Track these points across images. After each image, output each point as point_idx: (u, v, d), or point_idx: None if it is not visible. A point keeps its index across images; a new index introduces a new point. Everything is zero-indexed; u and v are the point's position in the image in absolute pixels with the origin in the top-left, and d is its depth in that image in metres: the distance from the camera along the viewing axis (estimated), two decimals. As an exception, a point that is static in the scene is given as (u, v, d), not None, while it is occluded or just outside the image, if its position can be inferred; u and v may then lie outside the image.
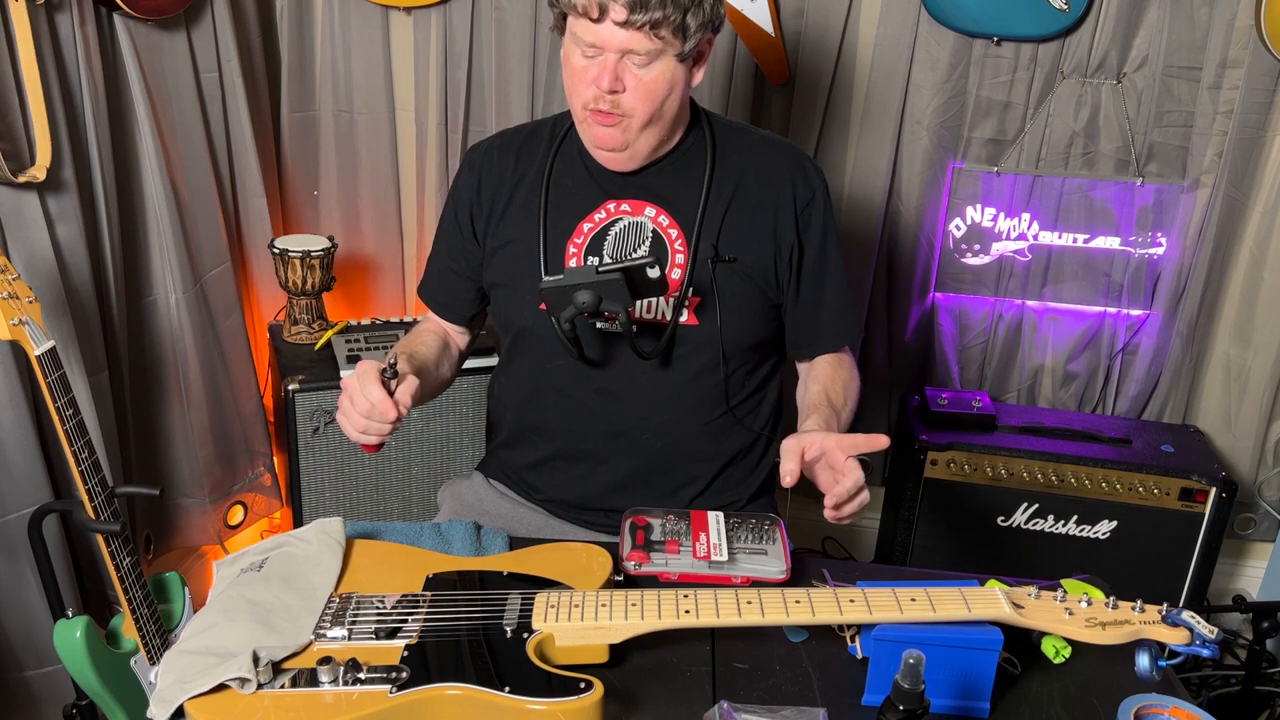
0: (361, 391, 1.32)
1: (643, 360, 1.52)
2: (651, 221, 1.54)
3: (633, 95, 1.41)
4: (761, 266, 1.55)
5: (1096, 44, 2.33)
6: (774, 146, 1.61)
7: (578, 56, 1.42)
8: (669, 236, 1.53)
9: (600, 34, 1.38)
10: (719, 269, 1.52)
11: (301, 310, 2.39)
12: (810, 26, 2.37)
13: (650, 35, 1.37)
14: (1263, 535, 2.63)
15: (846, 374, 1.61)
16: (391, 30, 2.46)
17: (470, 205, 1.62)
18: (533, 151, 1.60)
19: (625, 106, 1.42)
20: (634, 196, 1.54)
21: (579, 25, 1.39)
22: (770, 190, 1.56)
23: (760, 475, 1.68)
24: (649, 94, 1.42)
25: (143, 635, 1.73)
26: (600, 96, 1.41)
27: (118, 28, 1.96)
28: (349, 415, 1.35)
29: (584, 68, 1.42)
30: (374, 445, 1.38)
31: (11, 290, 1.52)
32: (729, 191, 1.55)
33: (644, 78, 1.41)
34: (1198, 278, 2.45)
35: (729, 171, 1.55)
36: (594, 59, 1.41)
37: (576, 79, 1.43)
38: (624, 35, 1.37)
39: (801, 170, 1.58)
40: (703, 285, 1.52)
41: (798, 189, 1.56)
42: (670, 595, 1.16)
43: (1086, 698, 1.16)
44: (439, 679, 1.06)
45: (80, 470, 1.59)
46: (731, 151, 1.57)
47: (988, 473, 2.37)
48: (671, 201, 1.54)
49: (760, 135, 1.62)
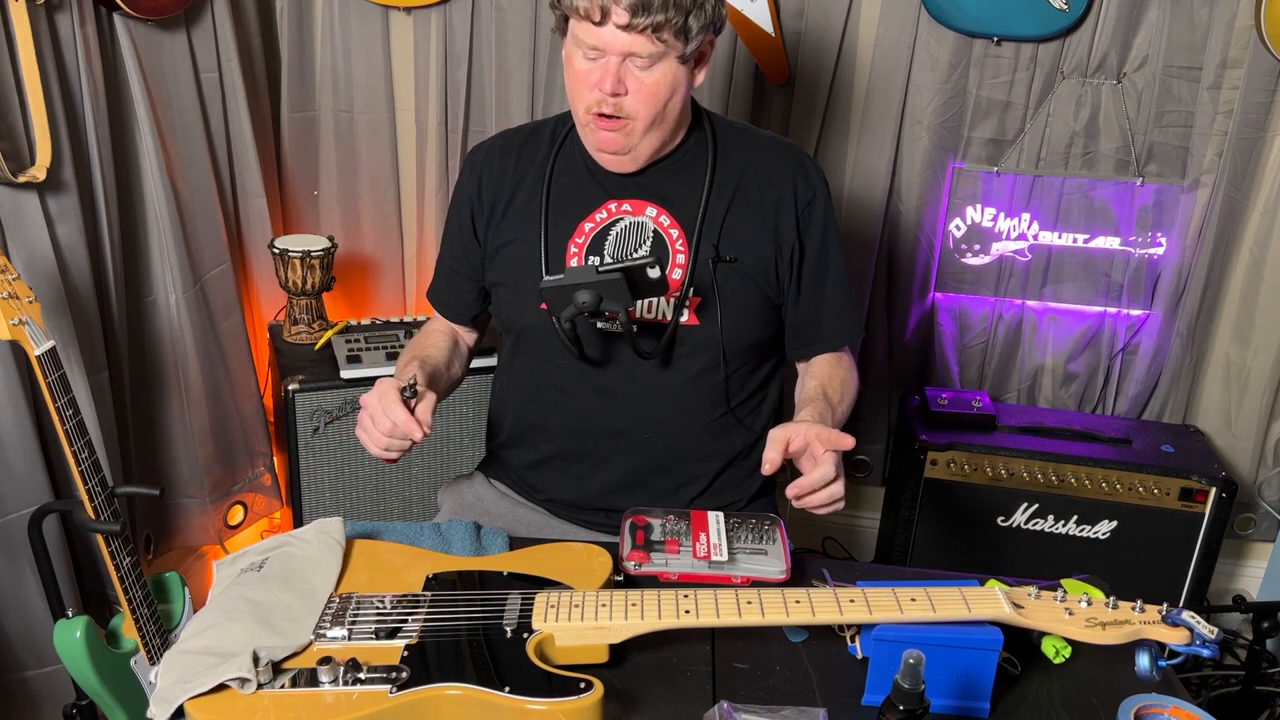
0: (384, 412, 1.34)
1: (643, 360, 1.52)
2: (653, 221, 1.54)
3: (635, 98, 1.42)
4: (762, 266, 1.55)
5: (1096, 44, 2.33)
6: (775, 146, 1.61)
7: (580, 59, 1.42)
8: (670, 236, 1.53)
9: (602, 37, 1.38)
10: (720, 269, 1.52)
11: (301, 310, 2.39)
12: (810, 26, 2.37)
13: (652, 38, 1.37)
14: (1263, 535, 2.63)
15: (844, 371, 1.61)
16: (391, 30, 2.46)
17: (471, 205, 1.62)
18: (533, 152, 1.60)
19: (628, 109, 1.42)
20: (635, 196, 1.54)
21: (581, 28, 1.39)
22: (771, 190, 1.56)
23: (761, 475, 1.68)
24: (651, 96, 1.42)
25: (143, 635, 1.73)
26: (603, 99, 1.41)
27: (118, 28, 1.96)
28: (370, 433, 1.37)
29: (586, 70, 1.42)
30: (394, 458, 1.40)
31: (11, 290, 1.52)
32: (730, 192, 1.55)
33: (646, 80, 1.41)
34: (1198, 278, 2.45)
35: (730, 172, 1.56)
36: (596, 62, 1.41)
37: (579, 82, 1.43)
38: (626, 38, 1.37)
39: (802, 170, 1.58)
40: (703, 285, 1.52)
41: (799, 188, 1.56)
42: (670, 595, 1.16)
43: (1086, 698, 1.16)
44: (439, 679, 1.06)
45: (80, 470, 1.59)
46: (732, 151, 1.57)
47: (988, 473, 2.37)
48: (673, 201, 1.54)
49: (761, 135, 1.62)
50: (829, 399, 1.51)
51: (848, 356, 1.66)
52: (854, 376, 1.62)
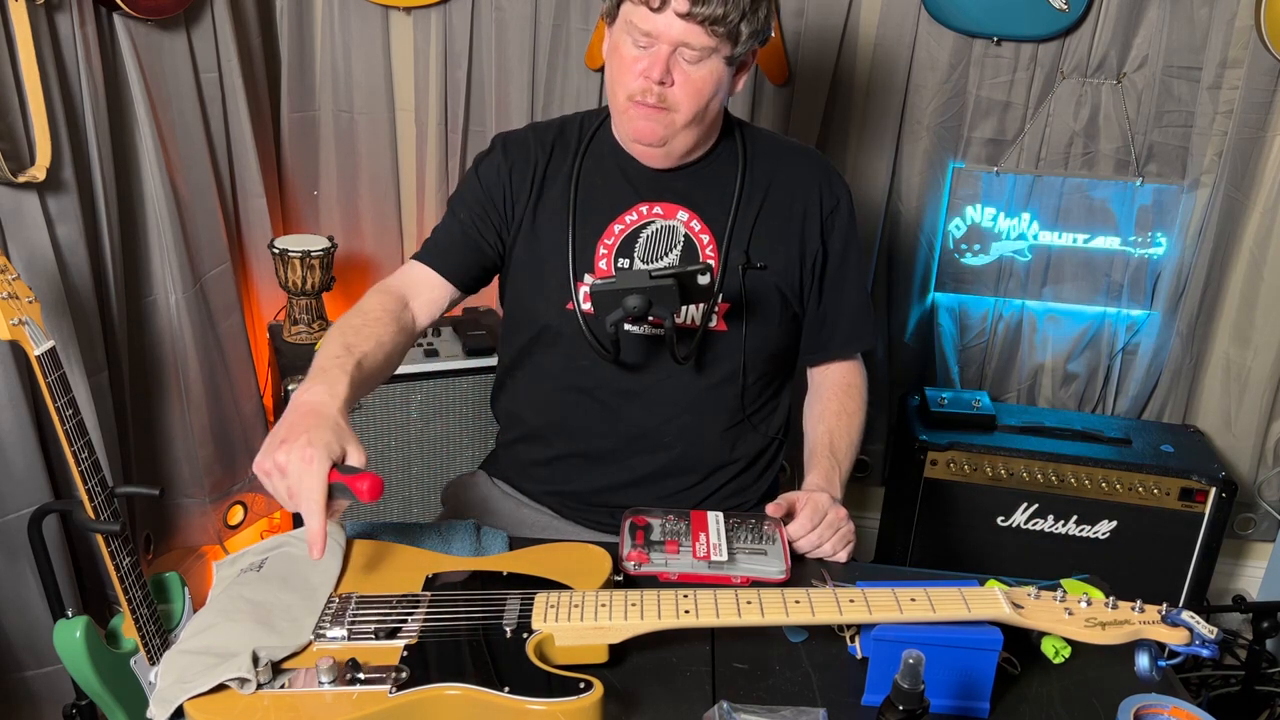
0: (307, 498, 1.10)
1: (675, 365, 1.52)
2: (684, 226, 1.54)
3: (680, 90, 1.42)
4: (788, 275, 1.56)
5: (1096, 44, 2.33)
6: (801, 155, 1.63)
7: (629, 46, 1.42)
8: (700, 242, 1.54)
9: (658, 24, 1.38)
10: (749, 276, 1.52)
11: (301, 310, 2.39)
12: (810, 26, 2.37)
13: (708, 31, 1.38)
14: (1263, 535, 2.63)
15: (854, 405, 1.62)
16: (391, 30, 2.46)
17: (503, 188, 1.56)
18: (564, 147, 1.59)
19: (672, 100, 1.42)
20: (667, 200, 1.54)
21: (637, 13, 1.39)
22: (798, 198, 1.57)
23: (769, 479, 1.69)
24: (697, 91, 1.42)
25: (143, 635, 1.73)
26: (648, 88, 1.41)
27: (118, 28, 1.96)
28: (275, 486, 1.14)
29: (635, 58, 1.41)
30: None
31: (11, 290, 1.52)
32: (759, 199, 1.56)
33: (694, 74, 1.41)
34: (1198, 278, 2.45)
35: (759, 179, 1.57)
36: (647, 49, 1.41)
37: (625, 69, 1.43)
38: (682, 27, 1.37)
39: (827, 179, 1.60)
40: (732, 292, 1.53)
41: (824, 197, 1.58)
42: (670, 595, 1.15)
43: (1086, 698, 1.16)
44: (439, 679, 1.06)
45: (80, 470, 1.59)
46: (761, 159, 1.58)
47: (988, 473, 2.37)
48: (703, 207, 1.54)
49: (787, 143, 1.64)
50: (835, 454, 1.54)
51: (859, 379, 1.66)
52: (863, 406, 1.64)
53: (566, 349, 1.56)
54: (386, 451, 2.29)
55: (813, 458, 1.55)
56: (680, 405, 1.57)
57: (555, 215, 1.55)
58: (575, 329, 1.51)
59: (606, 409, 1.58)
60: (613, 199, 1.55)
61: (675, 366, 1.53)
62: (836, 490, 1.50)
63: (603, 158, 1.57)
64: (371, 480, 1.12)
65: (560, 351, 1.58)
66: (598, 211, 1.55)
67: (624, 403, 1.57)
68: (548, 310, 1.55)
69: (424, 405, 2.28)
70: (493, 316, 2.47)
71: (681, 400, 1.56)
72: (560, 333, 1.55)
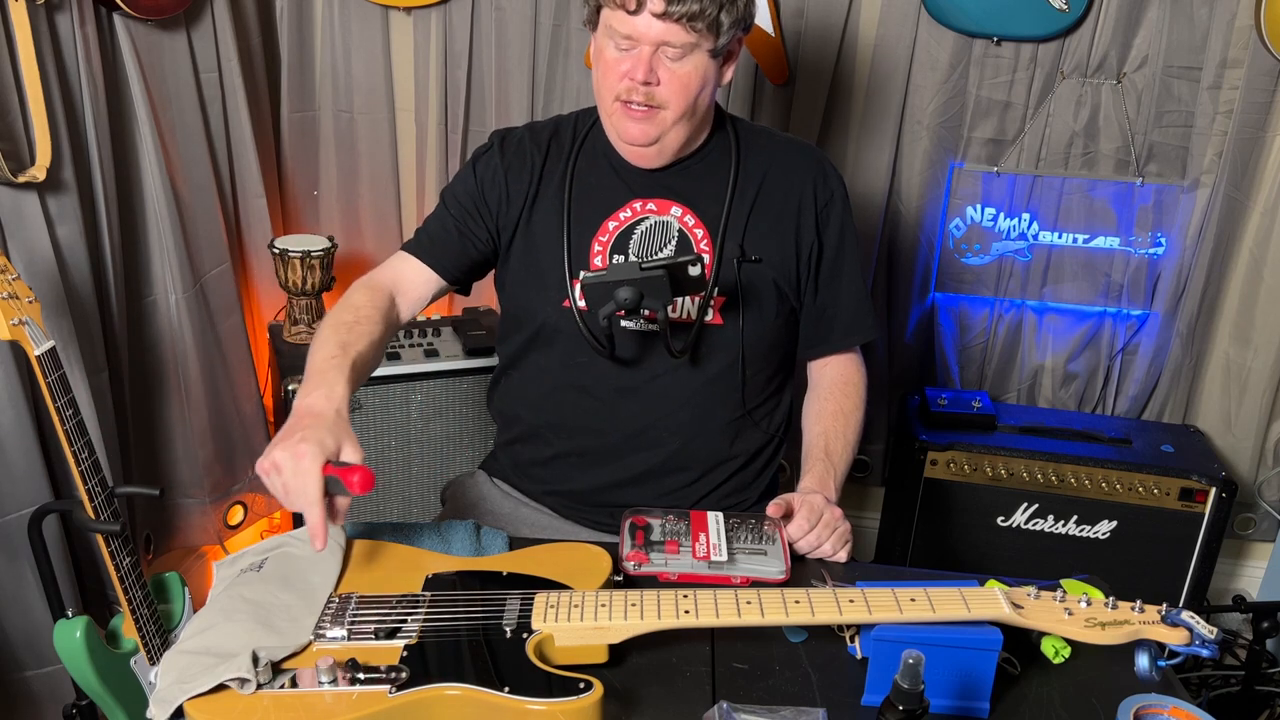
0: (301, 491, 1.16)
1: (671, 359, 1.52)
2: (678, 221, 1.54)
3: (667, 88, 1.42)
4: (784, 268, 1.56)
5: (1096, 44, 2.33)
6: (795, 148, 1.63)
7: (611, 49, 1.43)
8: (695, 236, 1.54)
9: (636, 26, 1.38)
10: (744, 269, 1.52)
11: (301, 310, 2.39)
12: (810, 26, 2.37)
13: (687, 28, 1.38)
14: (1263, 535, 2.63)
15: (852, 403, 1.62)
16: (391, 30, 2.46)
17: (498, 189, 1.57)
18: (559, 147, 1.59)
19: (659, 99, 1.43)
20: (660, 196, 1.55)
21: (614, 17, 1.40)
22: (792, 192, 1.57)
23: (768, 476, 1.69)
24: (684, 87, 1.42)
25: (143, 635, 1.73)
26: (633, 88, 1.42)
27: (118, 28, 1.96)
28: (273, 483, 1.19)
29: (617, 60, 1.42)
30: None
31: (11, 290, 1.52)
32: (753, 192, 1.56)
33: (678, 71, 1.42)
34: (1198, 278, 2.45)
35: (752, 173, 1.57)
36: (628, 52, 1.41)
37: (609, 72, 1.43)
38: (660, 27, 1.38)
39: (822, 172, 1.60)
40: (727, 285, 1.53)
41: (818, 190, 1.58)
42: (670, 595, 1.16)
43: (1086, 698, 1.16)
44: (439, 679, 1.06)
45: (80, 470, 1.59)
46: (754, 153, 1.58)
47: (988, 473, 2.37)
48: (696, 201, 1.54)
49: (782, 138, 1.65)
50: (831, 457, 1.54)
51: (858, 375, 1.66)
52: (862, 405, 1.63)
53: (564, 346, 1.56)
54: (386, 451, 2.29)
55: (808, 460, 1.56)
56: (678, 401, 1.57)
57: (550, 214, 1.56)
58: (572, 326, 1.51)
59: (604, 406, 1.58)
60: (606, 197, 1.55)
61: (672, 362, 1.53)
62: (831, 493, 1.50)
63: (596, 156, 1.57)
64: (362, 473, 1.16)
65: (557, 349, 1.58)
66: (592, 209, 1.55)
67: (621, 399, 1.57)
68: (544, 308, 1.56)
69: (424, 405, 2.28)
70: (492, 316, 2.47)
71: (679, 396, 1.56)
72: (557, 330, 1.56)
